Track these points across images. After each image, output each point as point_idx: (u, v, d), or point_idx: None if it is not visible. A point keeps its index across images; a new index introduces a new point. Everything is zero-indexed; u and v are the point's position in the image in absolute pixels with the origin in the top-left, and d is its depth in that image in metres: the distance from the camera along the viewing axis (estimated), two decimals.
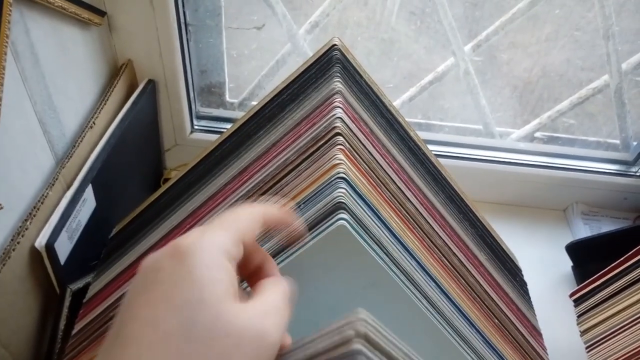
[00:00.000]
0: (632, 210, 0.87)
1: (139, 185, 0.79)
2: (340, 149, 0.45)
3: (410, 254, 0.44)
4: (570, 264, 0.79)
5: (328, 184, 0.41)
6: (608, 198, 0.86)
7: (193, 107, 0.83)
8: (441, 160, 0.81)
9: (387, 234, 0.42)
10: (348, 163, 0.44)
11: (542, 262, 0.81)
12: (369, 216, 0.41)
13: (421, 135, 0.86)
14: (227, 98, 0.89)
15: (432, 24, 0.80)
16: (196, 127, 0.85)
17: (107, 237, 0.66)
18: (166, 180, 0.86)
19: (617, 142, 0.87)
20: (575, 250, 0.77)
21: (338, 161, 0.43)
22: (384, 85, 0.90)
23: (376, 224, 0.41)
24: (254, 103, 0.89)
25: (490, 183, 0.86)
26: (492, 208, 0.89)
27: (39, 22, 0.50)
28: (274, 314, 0.25)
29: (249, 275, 0.31)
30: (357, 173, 0.44)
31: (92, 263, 0.63)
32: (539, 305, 0.64)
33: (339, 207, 0.39)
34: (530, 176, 0.85)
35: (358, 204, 0.41)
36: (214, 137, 0.86)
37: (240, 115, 0.89)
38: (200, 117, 0.86)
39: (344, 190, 0.40)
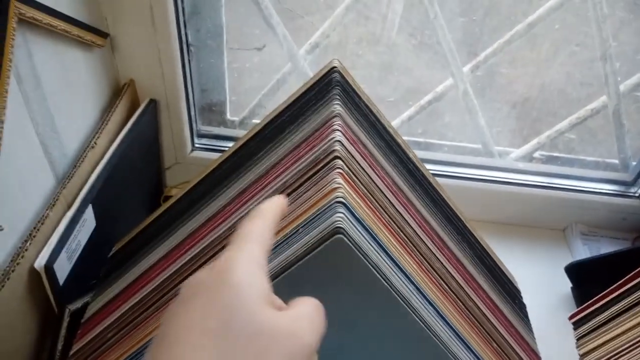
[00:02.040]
0: (631, 230, 0.87)
1: (139, 203, 0.79)
2: (339, 172, 0.45)
3: (408, 278, 0.44)
4: (570, 285, 0.79)
5: (327, 208, 0.41)
6: (607, 218, 0.86)
7: (194, 125, 0.83)
8: (440, 179, 0.81)
9: (385, 258, 0.42)
10: (347, 187, 0.44)
11: (541, 282, 0.81)
12: (367, 240, 0.41)
13: (420, 154, 0.87)
14: (228, 116, 0.89)
15: (432, 45, 0.81)
16: (197, 145, 0.85)
17: (107, 256, 0.66)
18: (166, 198, 0.86)
19: (616, 162, 0.87)
20: (575, 271, 0.77)
21: (337, 185, 0.43)
22: (383, 99, 0.91)
23: (374, 249, 0.41)
24: (255, 121, 0.90)
25: (489, 203, 0.87)
26: (491, 227, 0.89)
27: (42, 45, 0.51)
28: (308, 320, 0.27)
29: None
30: (355, 197, 0.45)
31: (91, 282, 0.63)
32: (538, 326, 0.64)
33: (337, 231, 0.40)
34: (529, 196, 0.85)
35: (356, 228, 0.41)
36: (214, 156, 0.86)
37: (241, 133, 0.89)
38: (201, 136, 0.87)
39: (342, 215, 0.40)
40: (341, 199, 0.42)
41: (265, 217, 0.31)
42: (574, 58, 0.87)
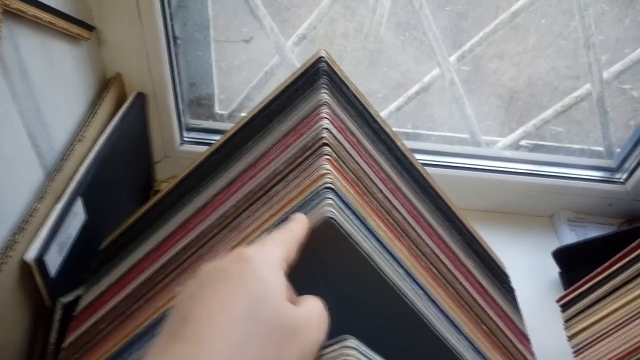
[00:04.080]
0: (617, 216, 0.88)
1: (129, 197, 0.79)
2: (327, 159, 0.45)
3: (398, 263, 0.44)
4: (558, 270, 0.80)
5: (316, 194, 0.42)
6: (593, 204, 0.87)
7: (182, 119, 0.83)
8: (428, 169, 0.82)
9: (374, 244, 0.43)
10: (335, 173, 0.45)
11: (530, 268, 0.82)
12: (356, 226, 0.42)
13: (408, 144, 0.87)
14: (217, 110, 0.90)
15: (418, 35, 0.81)
16: (185, 139, 0.85)
17: (98, 249, 0.66)
18: (156, 192, 0.86)
19: (601, 149, 0.89)
20: (562, 256, 0.78)
21: (325, 171, 0.44)
22: (372, 95, 0.92)
23: (364, 234, 0.42)
24: (244, 114, 0.90)
25: (477, 191, 0.87)
26: (479, 215, 0.90)
27: (28, 37, 0.51)
28: (318, 319, 0.30)
29: None
30: (344, 182, 0.45)
31: (82, 275, 0.63)
32: (527, 311, 0.65)
33: (327, 217, 0.40)
34: (517, 184, 0.86)
35: (345, 214, 0.41)
36: (203, 149, 0.86)
37: (229, 126, 0.89)
38: (190, 129, 0.87)
39: (331, 202, 0.41)
40: (330, 185, 0.42)
41: (293, 232, 0.34)
42: (559, 49, 0.88)
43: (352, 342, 0.31)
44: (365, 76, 0.91)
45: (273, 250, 0.31)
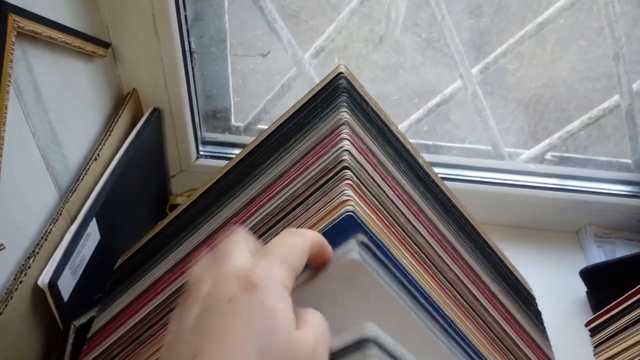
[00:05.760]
0: None
1: (144, 212, 0.78)
2: (348, 184, 0.43)
3: (424, 295, 0.42)
4: (585, 288, 0.78)
5: (338, 225, 0.40)
6: (621, 220, 0.84)
7: (198, 133, 0.82)
8: (450, 183, 0.80)
9: (399, 275, 0.40)
10: (356, 198, 0.43)
11: (556, 286, 0.80)
12: (380, 257, 0.39)
13: (429, 157, 0.86)
14: (233, 122, 0.88)
15: (439, 47, 0.79)
16: (202, 152, 0.84)
17: (112, 268, 0.65)
18: (172, 206, 0.85)
19: (630, 161, 0.86)
20: (590, 275, 0.75)
21: (347, 197, 0.42)
22: (389, 97, 0.89)
23: (388, 266, 0.40)
24: (260, 127, 0.89)
25: (500, 206, 0.85)
26: (503, 231, 0.87)
27: (42, 58, 0.50)
28: (322, 342, 0.29)
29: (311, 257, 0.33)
30: (366, 209, 0.43)
31: (96, 296, 0.62)
32: (554, 332, 0.62)
33: (353, 260, 0.37)
34: (542, 199, 0.83)
35: (369, 248, 0.39)
36: (219, 163, 0.85)
37: (246, 139, 0.88)
38: (206, 143, 0.86)
39: (355, 245, 0.37)
40: (351, 213, 0.40)
41: (303, 243, 0.32)
42: (583, 55, 0.85)
43: (374, 351, 0.30)
44: (383, 82, 0.89)
45: (279, 270, 0.29)
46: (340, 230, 0.40)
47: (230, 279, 0.28)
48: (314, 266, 0.34)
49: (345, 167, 0.45)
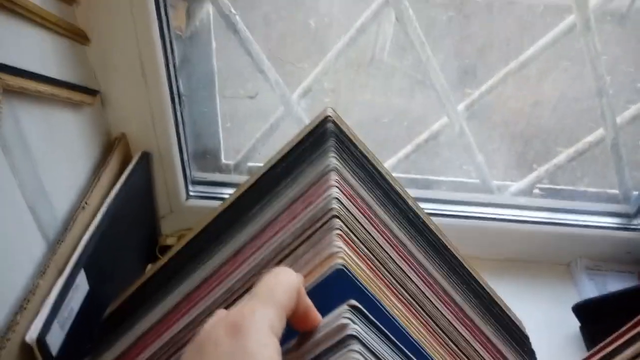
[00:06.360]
0: (636, 263, 0.85)
1: (134, 255, 0.77)
2: (338, 234, 0.43)
3: (416, 346, 0.42)
4: (577, 322, 0.77)
5: (328, 280, 0.40)
6: (611, 252, 0.85)
7: (188, 174, 0.82)
8: (439, 219, 0.80)
9: (393, 338, 0.39)
10: (346, 249, 0.43)
11: (548, 321, 0.79)
12: (372, 321, 0.37)
13: (418, 193, 0.86)
14: (223, 160, 0.88)
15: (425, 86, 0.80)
16: (191, 193, 0.84)
17: (101, 317, 0.64)
18: (162, 247, 0.84)
19: (617, 192, 0.86)
20: (583, 311, 0.75)
21: (337, 249, 0.42)
22: (377, 121, 0.90)
23: (381, 329, 0.38)
24: (250, 164, 0.89)
25: (490, 240, 0.85)
26: (493, 265, 0.87)
27: (30, 111, 0.50)
28: None
29: (296, 320, 0.32)
30: (355, 259, 0.43)
31: (86, 347, 0.61)
32: None
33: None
34: (531, 232, 0.84)
35: (361, 311, 0.37)
36: (209, 203, 0.85)
37: (236, 178, 0.88)
38: (196, 183, 0.85)
39: (350, 319, 0.35)
40: (341, 267, 0.40)
41: (291, 283, 0.31)
42: (569, 87, 0.87)
43: (357, 346, 0.30)
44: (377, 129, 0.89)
45: (265, 311, 0.29)
46: (331, 287, 0.40)
47: (220, 322, 0.28)
48: (301, 333, 0.34)
49: (335, 216, 0.45)
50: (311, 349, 0.32)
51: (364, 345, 0.31)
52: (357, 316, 0.33)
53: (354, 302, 0.33)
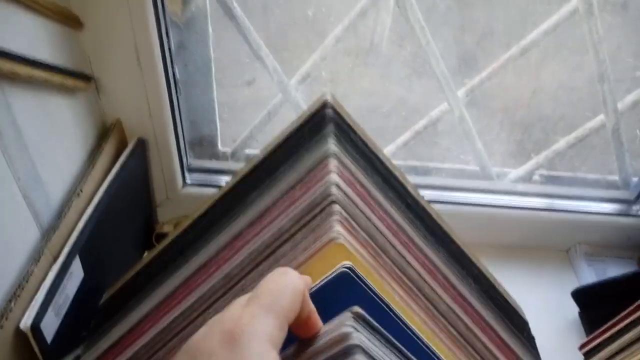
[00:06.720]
0: (635, 249, 0.85)
1: (130, 242, 0.77)
2: (337, 219, 0.43)
3: (415, 335, 0.41)
4: (576, 308, 0.77)
5: (334, 282, 0.39)
6: (611, 238, 0.84)
7: (184, 161, 0.81)
8: (439, 205, 0.79)
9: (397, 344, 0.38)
10: (345, 234, 0.42)
11: (547, 306, 0.79)
12: (376, 329, 0.37)
13: (418, 180, 0.85)
14: (220, 147, 0.87)
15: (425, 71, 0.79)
16: (188, 180, 0.83)
17: (98, 304, 0.64)
18: (158, 235, 0.83)
19: (617, 178, 0.86)
20: (582, 296, 0.74)
21: (336, 235, 0.41)
22: (376, 110, 0.89)
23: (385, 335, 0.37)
24: (247, 152, 0.88)
25: (489, 227, 0.85)
26: (493, 251, 0.86)
27: (22, 96, 0.49)
28: None
29: (297, 326, 0.31)
30: (355, 244, 0.43)
31: (82, 334, 0.60)
32: (547, 354, 0.62)
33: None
34: (531, 219, 0.83)
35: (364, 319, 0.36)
36: (206, 190, 0.84)
37: (232, 165, 0.87)
38: (192, 170, 0.85)
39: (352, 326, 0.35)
40: (348, 270, 0.39)
41: (295, 288, 0.29)
42: (570, 74, 0.86)
43: (361, 357, 0.28)
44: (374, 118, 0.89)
45: (265, 320, 0.27)
46: (335, 290, 0.38)
47: (215, 331, 0.27)
48: (300, 339, 0.32)
49: (333, 202, 0.44)
50: (312, 358, 0.30)
51: (368, 355, 0.30)
52: (361, 324, 0.31)
53: (357, 309, 0.31)
